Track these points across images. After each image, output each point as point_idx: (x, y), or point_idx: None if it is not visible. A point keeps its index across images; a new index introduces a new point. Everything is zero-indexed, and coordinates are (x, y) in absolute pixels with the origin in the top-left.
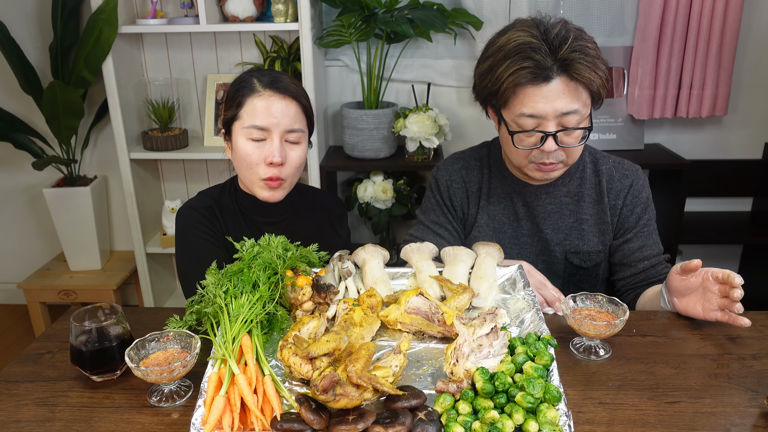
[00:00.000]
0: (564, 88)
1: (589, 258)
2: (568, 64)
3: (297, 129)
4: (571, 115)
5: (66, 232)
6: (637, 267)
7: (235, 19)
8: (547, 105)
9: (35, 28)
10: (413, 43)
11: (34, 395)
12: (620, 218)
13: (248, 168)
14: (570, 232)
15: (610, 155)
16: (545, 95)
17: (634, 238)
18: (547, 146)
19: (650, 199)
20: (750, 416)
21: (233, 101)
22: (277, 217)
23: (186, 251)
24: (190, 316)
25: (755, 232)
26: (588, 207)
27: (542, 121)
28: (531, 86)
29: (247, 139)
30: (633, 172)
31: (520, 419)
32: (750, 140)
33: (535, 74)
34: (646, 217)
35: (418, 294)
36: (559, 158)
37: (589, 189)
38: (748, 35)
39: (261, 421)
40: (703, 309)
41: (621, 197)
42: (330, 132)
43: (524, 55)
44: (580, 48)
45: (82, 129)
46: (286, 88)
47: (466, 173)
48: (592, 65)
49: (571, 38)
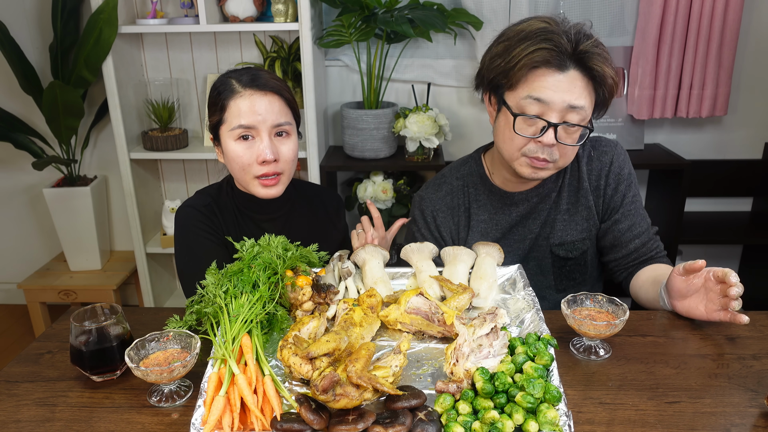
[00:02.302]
0: (577, 82)
1: (574, 247)
2: (587, 57)
3: (284, 122)
4: (577, 111)
5: (66, 232)
6: (629, 247)
7: (235, 19)
8: (556, 94)
9: (35, 28)
10: (413, 43)
11: (34, 395)
12: (605, 199)
13: (242, 169)
14: (553, 225)
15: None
16: (557, 84)
17: (623, 219)
18: (546, 138)
19: (632, 174)
20: (750, 416)
21: (216, 106)
22: (275, 214)
23: (185, 250)
24: (190, 316)
25: (755, 232)
26: (569, 195)
27: (547, 110)
28: (545, 69)
29: (236, 141)
30: (611, 148)
31: (520, 419)
32: (750, 140)
33: (552, 57)
34: (631, 193)
35: (418, 294)
36: (553, 156)
37: (569, 177)
38: (748, 35)
39: (261, 421)
40: (706, 309)
41: (603, 177)
42: (330, 132)
43: (545, 37)
44: (598, 45)
45: (82, 129)
46: (266, 84)
47: (451, 198)
48: (607, 66)
49: (590, 36)
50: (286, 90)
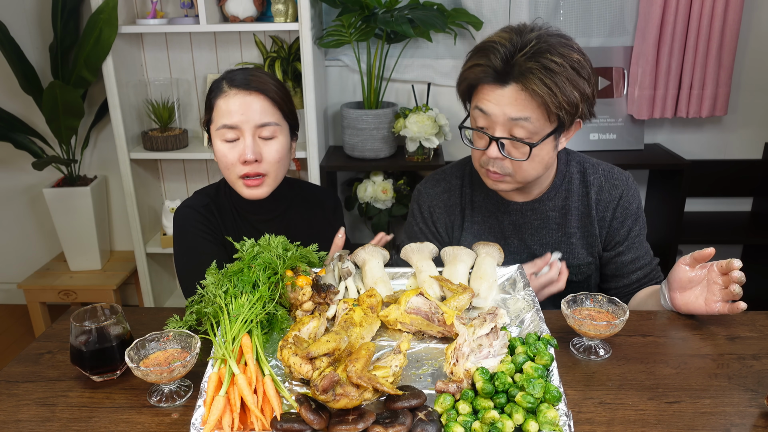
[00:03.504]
0: (516, 96)
1: (579, 271)
2: (523, 73)
3: (269, 123)
4: (522, 124)
5: (66, 232)
6: (630, 278)
7: (235, 19)
8: (497, 107)
9: (35, 28)
10: (413, 43)
11: (34, 395)
12: (609, 231)
13: (226, 168)
14: (558, 246)
15: (600, 163)
16: (498, 97)
17: (627, 251)
18: (490, 151)
19: (641, 208)
20: (750, 416)
21: (207, 105)
22: (271, 214)
23: (184, 250)
24: (190, 316)
25: (755, 232)
26: (575, 220)
27: (492, 123)
28: (487, 85)
29: (222, 141)
30: (623, 182)
31: (520, 419)
32: (750, 140)
33: (486, 74)
34: (637, 228)
35: (418, 294)
36: (505, 170)
37: (576, 202)
38: (748, 35)
39: (261, 421)
40: (705, 301)
41: (610, 209)
42: (330, 132)
43: (483, 54)
44: (542, 61)
45: (82, 129)
46: (248, 83)
47: (448, 196)
48: (551, 82)
49: (534, 49)
50: (274, 90)
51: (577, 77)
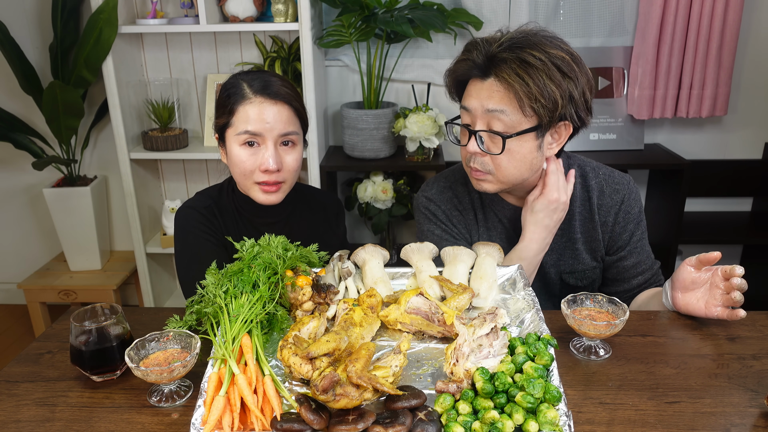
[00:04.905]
0: (495, 88)
1: (584, 276)
2: (498, 64)
3: (291, 132)
4: (498, 116)
5: (66, 232)
6: (632, 283)
7: (235, 19)
8: (476, 101)
9: (35, 28)
10: (413, 43)
11: (34, 395)
12: (612, 235)
13: (243, 174)
14: (563, 252)
15: (600, 166)
16: (478, 91)
17: (629, 256)
18: (470, 146)
19: (642, 212)
20: (750, 416)
21: (225, 108)
22: (275, 218)
23: (185, 251)
24: (190, 316)
25: (755, 232)
26: (579, 225)
27: (473, 118)
28: (472, 81)
29: (241, 146)
30: (624, 186)
31: (520, 419)
32: (750, 140)
33: (468, 69)
34: (639, 232)
35: (418, 294)
36: (486, 167)
37: (579, 207)
38: (748, 35)
39: (261, 421)
40: (705, 304)
41: (612, 214)
42: (330, 132)
43: (467, 49)
44: (519, 53)
45: (82, 129)
46: (277, 93)
47: (458, 202)
48: (524, 73)
49: (512, 42)
50: (296, 99)
51: (559, 75)
